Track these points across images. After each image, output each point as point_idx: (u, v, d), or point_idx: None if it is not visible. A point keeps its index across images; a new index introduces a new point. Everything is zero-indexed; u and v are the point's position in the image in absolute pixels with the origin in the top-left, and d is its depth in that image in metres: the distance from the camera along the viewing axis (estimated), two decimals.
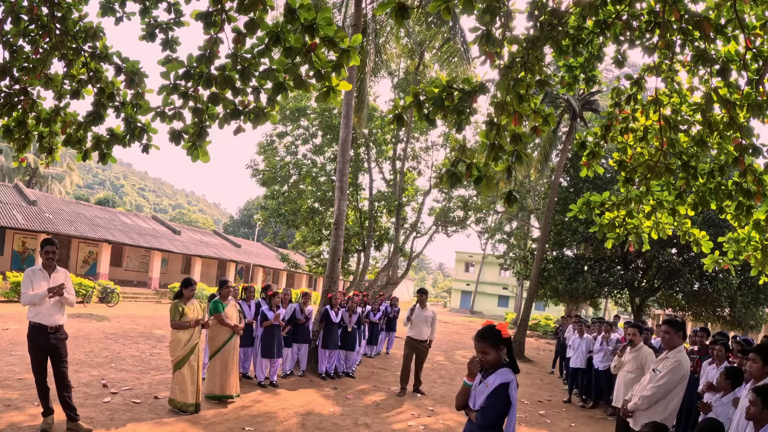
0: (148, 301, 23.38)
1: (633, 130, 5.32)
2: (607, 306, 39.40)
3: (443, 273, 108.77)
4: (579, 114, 16.03)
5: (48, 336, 4.73)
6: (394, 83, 22.34)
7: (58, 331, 4.82)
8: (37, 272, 4.75)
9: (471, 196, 24.77)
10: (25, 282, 4.70)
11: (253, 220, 50.84)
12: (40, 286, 4.68)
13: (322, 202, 22.83)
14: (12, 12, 4.08)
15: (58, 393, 4.85)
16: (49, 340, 4.74)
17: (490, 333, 2.93)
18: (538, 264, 15.81)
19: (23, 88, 4.45)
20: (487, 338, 2.92)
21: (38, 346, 4.74)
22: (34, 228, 21.12)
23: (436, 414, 7.31)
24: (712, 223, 14.11)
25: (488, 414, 2.84)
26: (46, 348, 4.76)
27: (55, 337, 4.78)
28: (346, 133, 10.41)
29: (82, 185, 57.96)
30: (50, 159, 5.10)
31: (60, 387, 4.83)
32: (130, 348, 9.79)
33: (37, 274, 4.74)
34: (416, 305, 8.48)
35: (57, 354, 4.81)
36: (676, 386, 4.16)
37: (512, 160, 3.99)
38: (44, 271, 4.78)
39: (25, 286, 4.69)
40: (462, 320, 34.74)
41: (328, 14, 3.38)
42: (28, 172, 36.69)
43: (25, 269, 5.06)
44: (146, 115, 4.23)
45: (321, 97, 3.65)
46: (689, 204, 5.48)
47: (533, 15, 3.90)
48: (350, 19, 12.73)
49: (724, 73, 4.18)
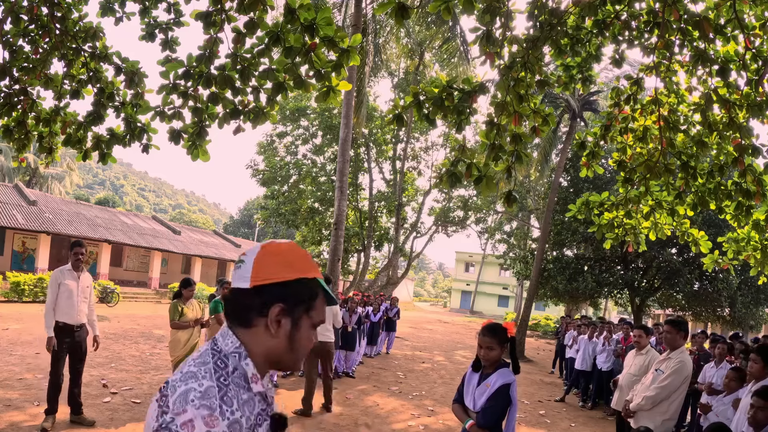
0: (148, 301, 23.38)
1: (632, 130, 5.32)
2: (607, 306, 39.39)
3: (443, 273, 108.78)
4: (579, 114, 16.03)
5: (73, 334, 4.89)
6: (394, 83, 22.36)
7: (82, 329, 4.99)
8: (66, 272, 4.91)
9: (471, 196, 24.79)
10: (52, 286, 4.84)
11: (253, 220, 50.85)
12: (68, 286, 4.85)
13: (322, 202, 22.84)
14: (12, 12, 4.08)
15: (69, 389, 4.99)
16: (74, 337, 4.90)
17: (499, 329, 2.93)
18: (538, 264, 15.80)
19: (23, 88, 4.45)
20: (495, 334, 2.91)
21: (62, 343, 4.84)
22: (34, 228, 21.11)
23: (436, 414, 7.31)
24: (712, 223, 14.10)
25: (490, 415, 2.82)
26: (70, 345, 4.90)
27: (78, 334, 4.95)
28: (346, 133, 10.41)
29: (82, 185, 57.94)
30: (50, 159, 5.11)
31: (73, 384, 4.99)
32: (130, 348, 9.79)
33: (66, 274, 4.90)
34: None
35: (79, 351, 4.98)
36: (679, 387, 4.15)
37: (512, 160, 3.99)
38: (73, 272, 4.95)
39: (51, 288, 4.83)
40: (462, 320, 34.74)
41: (327, 14, 3.39)
42: (28, 172, 36.68)
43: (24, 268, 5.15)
44: (146, 114, 4.24)
45: (321, 97, 3.65)
46: (688, 204, 5.48)
47: (533, 15, 3.90)
48: (350, 19, 12.73)
49: (724, 73, 4.18)
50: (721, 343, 6.04)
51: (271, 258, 1.14)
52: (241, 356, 1.12)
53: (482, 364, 2.96)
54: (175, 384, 1.05)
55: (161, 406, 1.03)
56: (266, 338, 1.14)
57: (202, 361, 1.10)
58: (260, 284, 1.12)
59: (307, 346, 1.19)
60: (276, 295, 1.12)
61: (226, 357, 1.11)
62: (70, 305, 4.85)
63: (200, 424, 0.97)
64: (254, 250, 1.17)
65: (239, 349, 1.12)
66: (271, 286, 1.12)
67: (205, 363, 1.09)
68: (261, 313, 1.12)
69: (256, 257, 1.14)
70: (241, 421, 1.04)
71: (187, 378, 1.06)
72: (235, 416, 1.03)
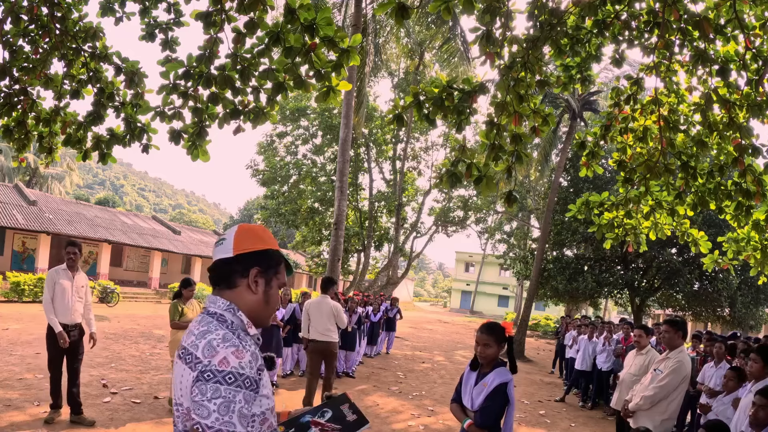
0: (148, 301, 23.37)
1: (632, 130, 5.31)
2: (607, 306, 39.39)
3: (443, 273, 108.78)
4: (579, 114, 16.03)
5: (69, 334, 4.88)
6: (394, 83, 22.35)
7: (77, 329, 4.99)
8: (61, 272, 4.93)
9: (471, 196, 24.78)
10: (48, 284, 4.87)
11: (253, 220, 50.86)
12: (62, 285, 4.87)
13: (322, 202, 22.84)
14: (12, 12, 4.08)
15: (68, 389, 5.01)
16: (69, 337, 4.88)
17: (497, 327, 2.96)
18: (538, 264, 15.80)
19: (23, 88, 4.45)
20: (493, 331, 2.93)
21: (57, 343, 4.83)
22: (34, 228, 21.10)
23: (436, 414, 7.31)
24: (712, 223, 14.11)
25: (488, 414, 2.83)
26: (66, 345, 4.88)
27: (74, 334, 4.94)
28: (346, 133, 10.41)
29: (82, 185, 57.94)
30: (50, 159, 5.11)
31: (71, 384, 5.00)
32: (130, 348, 9.79)
33: (60, 274, 4.92)
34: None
35: (75, 351, 4.98)
36: (678, 387, 4.15)
37: (512, 160, 3.99)
38: (68, 272, 4.96)
39: (47, 287, 4.87)
40: (462, 320, 34.75)
41: (327, 14, 3.39)
42: (28, 172, 36.68)
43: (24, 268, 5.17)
44: (146, 114, 4.24)
45: (321, 97, 3.65)
46: (688, 204, 5.47)
47: (533, 15, 3.90)
48: (350, 19, 12.74)
49: (724, 73, 4.18)
50: (719, 342, 6.04)
51: (247, 234, 1.49)
52: (234, 310, 1.43)
53: (479, 363, 2.97)
54: (195, 342, 1.33)
55: (189, 362, 1.30)
56: (248, 295, 1.47)
57: (204, 322, 1.38)
58: (241, 253, 1.45)
59: (277, 302, 1.57)
60: (253, 260, 1.47)
61: (222, 315, 1.41)
62: (64, 305, 4.87)
63: (232, 358, 1.27)
64: (233, 230, 1.51)
65: (230, 306, 1.43)
66: (249, 254, 1.46)
67: (209, 322, 1.38)
68: (243, 275, 1.46)
69: (236, 234, 1.48)
70: (256, 353, 1.36)
71: (202, 335, 1.33)
72: (251, 349, 1.34)
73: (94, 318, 5.30)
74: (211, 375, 1.24)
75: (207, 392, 1.23)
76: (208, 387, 1.23)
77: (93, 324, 5.24)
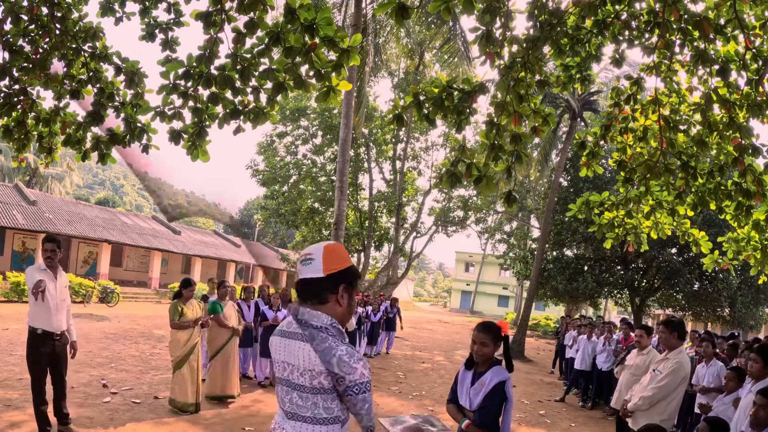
0: (148, 301, 23.37)
1: (632, 130, 5.31)
2: (607, 306, 39.38)
3: (443, 273, 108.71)
4: (579, 114, 16.03)
5: (54, 343, 4.46)
6: (394, 83, 22.35)
7: (63, 337, 4.54)
8: (41, 271, 4.39)
9: (471, 196, 24.78)
10: (28, 282, 4.31)
11: (253, 220, 50.84)
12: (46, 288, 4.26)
13: (322, 202, 22.84)
14: (12, 12, 4.07)
15: (54, 401, 4.61)
16: (54, 347, 4.46)
17: (493, 326, 2.96)
18: (538, 264, 15.80)
19: (23, 88, 4.44)
20: (489, 330, 2.93)
21: (41, 354, 4.40)
22: (34, 228, 21.11)
23: (436, 414, 7.31)
24: (712, 223, 14.11)
25: (487, 414, 2.82)
26: (50, 356, 4.46)
27: (60, 343, 4.52)
28: (346, 133, 10.41)
29: (82, 185, 57.88)
30: (50, 159, 5.09)
31: (58, 395, 4.60)
32: (130, 348, 9.79)
33: (41, 274, 4.35)
34: None
35: (60, 361, 4.56)
36: (677, 387, 4.16)
37: (512, 160, 3.99)
38: (49, 272, 4.43)
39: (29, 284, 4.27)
40: (462, 320, 34.74)
41: (327, 14, 3.38)
42: (28, 172, 36.67)
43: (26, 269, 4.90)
44: (146, 115, 4.23)
45: (321, 97, 3.65)
46: (689, 204, 5.47)
47: (533, 15, 3.89)
48: (350, 19, 12.74)
49: (724, 73, 4.17)
50: (707, 341, 6.10)
51: (333, 255, 1.78)
52: (335, 324, 1.76)
53: (475, 361, 2.97)
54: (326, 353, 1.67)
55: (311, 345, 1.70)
56: (336, 308, 1.79)
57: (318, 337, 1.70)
58: (331, 272, 1.76)
59: (355, 308, 1.91)
60: (340, 278, 1.77)
61: (326, 328, 1.73)
62: (46, 310, 4.33)
63: (365, 371, 1.68)
64: (319, 251, 1.78)
65: (333, 321, 1.76)
66: (337, 273, 1.77)
67: (324, 338, 1.70)
68: (332, 291, 1.77)
69: (324, 255, 1.77)
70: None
71: (330, 350, 1.67)
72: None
73: (73, 323, 4.74)
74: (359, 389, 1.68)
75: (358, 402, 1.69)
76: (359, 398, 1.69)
77: (74, 332, 4.68)
